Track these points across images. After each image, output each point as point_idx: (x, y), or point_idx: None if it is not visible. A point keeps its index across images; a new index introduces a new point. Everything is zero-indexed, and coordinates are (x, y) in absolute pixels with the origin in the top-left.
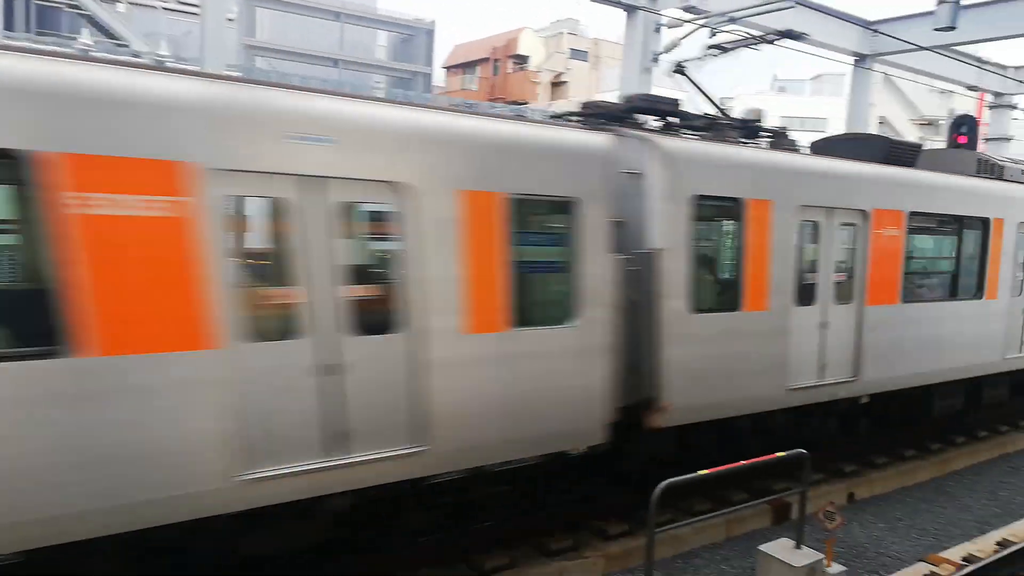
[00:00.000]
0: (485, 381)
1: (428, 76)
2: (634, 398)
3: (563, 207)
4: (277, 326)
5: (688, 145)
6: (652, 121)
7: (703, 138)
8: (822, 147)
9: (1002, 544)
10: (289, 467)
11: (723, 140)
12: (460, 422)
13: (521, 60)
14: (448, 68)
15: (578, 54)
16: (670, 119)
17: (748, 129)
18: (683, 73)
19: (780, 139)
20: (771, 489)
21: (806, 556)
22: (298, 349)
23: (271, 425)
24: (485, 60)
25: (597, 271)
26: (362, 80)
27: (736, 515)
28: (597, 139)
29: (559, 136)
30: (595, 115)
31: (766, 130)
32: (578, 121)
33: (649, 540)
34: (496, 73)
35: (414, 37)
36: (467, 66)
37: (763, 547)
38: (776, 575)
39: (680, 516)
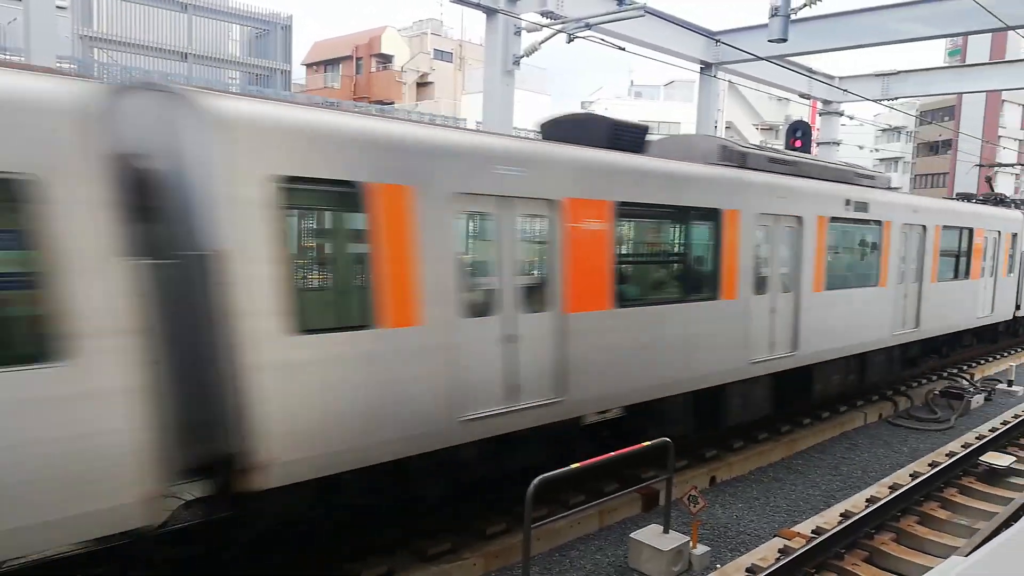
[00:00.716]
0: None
1: (287, 73)
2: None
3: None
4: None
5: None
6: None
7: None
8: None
9: (845, 515)
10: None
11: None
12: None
13: (385, 59)
14: (309, 65)
15: (443, 55)
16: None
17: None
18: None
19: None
20: (641, 477)
21: (673, 540)
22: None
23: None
24: (348, 58)
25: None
26: (214, 76)
27: (608, 505)
28: (1017, 213)
29: (1006, 212)
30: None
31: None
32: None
33: (525, 536)
34: (359, 72)
35: (270, 32)
36: (329, 64)
37: (634, 534)
38: (647, 559)
39: (557, 510)
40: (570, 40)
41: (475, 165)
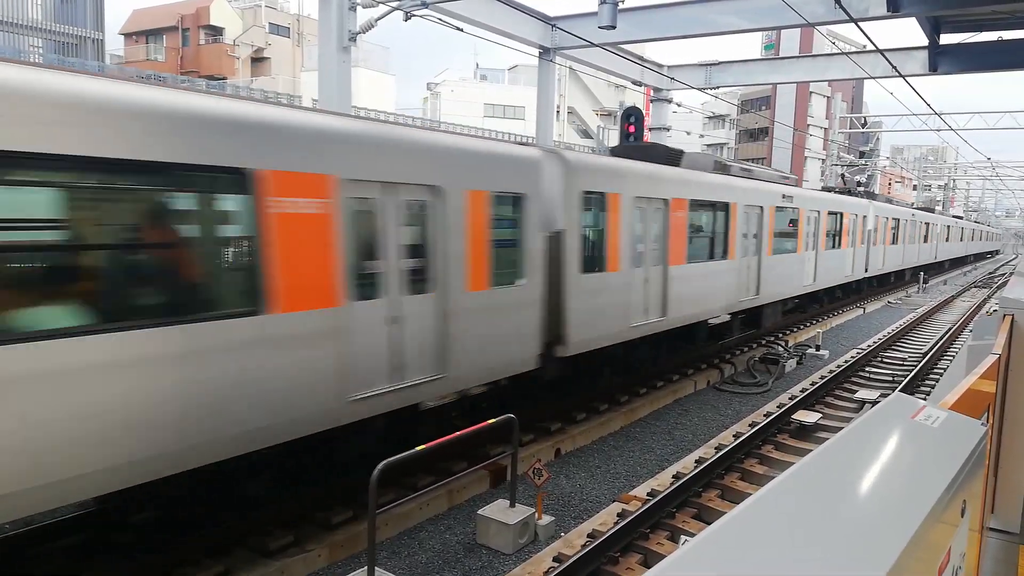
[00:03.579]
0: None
1: (99, 42)
2: None
3: (864, 220)
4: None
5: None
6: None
7: None
8: None
9: (677, 477)
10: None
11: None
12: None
13: (215, 31)
14: (127, 35)
15: (279, 29)
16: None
17: None
18: None
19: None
20: (489, 454)
21: (519, 513)
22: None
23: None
24: (172, 29)
25: None
26: (14, 43)
27: (456, 484)
28: (865, 201)
29: (859, 200)
30: None
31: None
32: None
33: (370, 522)
34: (186, 44)
35: None
36: (151, 34)
37: (481, 511)
38: (494, 534)
39: (406, 493)
40: (407, 18)
41: (643, 179)
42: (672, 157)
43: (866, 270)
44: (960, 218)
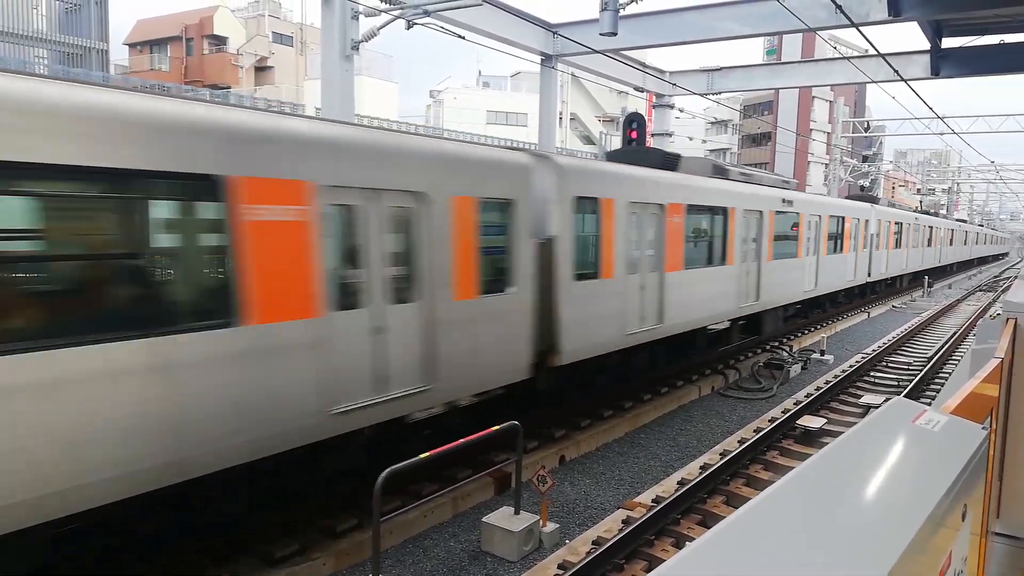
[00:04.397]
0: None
1: (103, 52)
2: None
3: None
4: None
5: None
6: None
7: None
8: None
9: (681, 483)
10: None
11: None
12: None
13: (219, 41)
14: (132, 45)
15: (282, 38)
16: None
17: None
18: None
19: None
20: (494, 461)
21: (524, 520)
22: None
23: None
24: (176, 39)
25: None
26: (19, 54)
27: (461, 491)
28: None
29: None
30: None
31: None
32: None
33: (375, 530)
34: (190, 54)
35: (81, 7)
36: (155, 44)
37: (486, 518)
38: (499, 542)
39: (410, 501)
40: (409, 26)
41: (889, 214)
42: (875, 199)
43: (940, 260)
44: (983, 226)
